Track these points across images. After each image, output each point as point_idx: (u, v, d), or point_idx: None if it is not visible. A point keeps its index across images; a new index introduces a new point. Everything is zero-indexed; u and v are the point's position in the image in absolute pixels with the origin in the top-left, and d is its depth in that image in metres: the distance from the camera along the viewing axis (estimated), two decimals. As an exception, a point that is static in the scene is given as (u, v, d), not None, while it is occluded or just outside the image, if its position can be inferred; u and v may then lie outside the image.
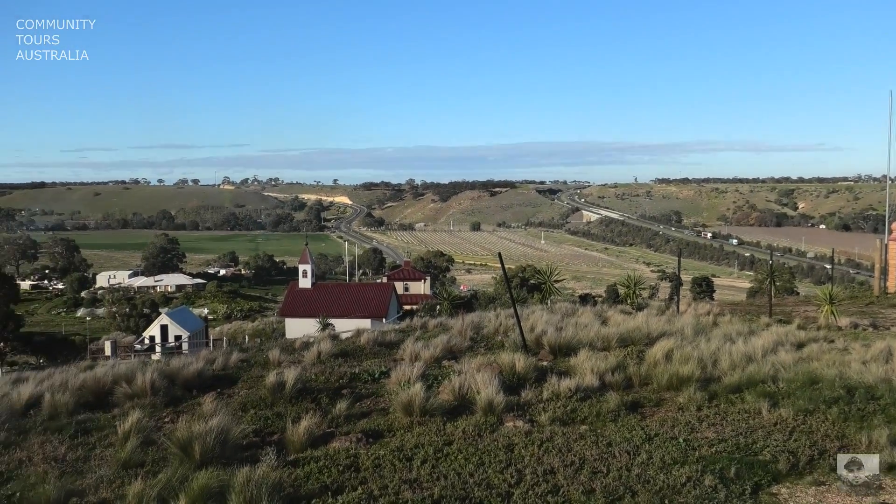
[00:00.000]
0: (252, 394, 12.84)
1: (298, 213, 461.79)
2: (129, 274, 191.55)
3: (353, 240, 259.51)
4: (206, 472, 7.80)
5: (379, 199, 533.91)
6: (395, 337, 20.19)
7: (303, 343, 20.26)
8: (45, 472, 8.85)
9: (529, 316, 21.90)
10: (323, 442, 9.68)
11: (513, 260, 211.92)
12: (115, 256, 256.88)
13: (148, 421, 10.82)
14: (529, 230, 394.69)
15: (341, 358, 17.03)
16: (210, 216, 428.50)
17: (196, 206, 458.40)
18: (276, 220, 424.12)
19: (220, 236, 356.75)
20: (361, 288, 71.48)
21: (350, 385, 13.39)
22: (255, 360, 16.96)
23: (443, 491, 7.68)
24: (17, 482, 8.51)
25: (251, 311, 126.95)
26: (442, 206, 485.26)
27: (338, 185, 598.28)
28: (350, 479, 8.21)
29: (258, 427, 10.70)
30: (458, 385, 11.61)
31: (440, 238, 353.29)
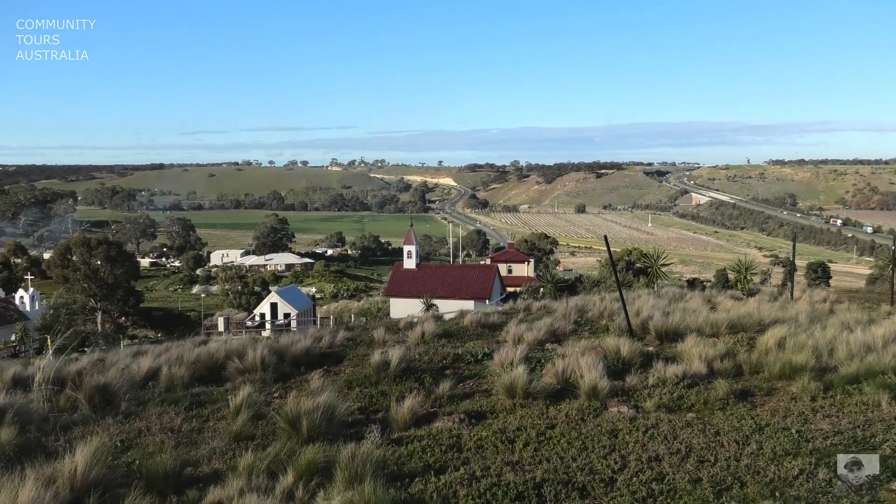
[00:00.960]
0: (357, 372, 13.07)
1: (404, 195, 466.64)
2: (241, 253, 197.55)
3: (457, 221, 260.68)
4: (313, 448, 7.98)
5: (483, 181, 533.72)
6: (498, 319, 20.20)
7: (407, 323, 20.51)
8: (162, 441, 9.23)
9: (635, 300, 21.56)
10: (426, 421, 9.77)
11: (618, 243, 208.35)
12: (229, 236, 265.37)
13: (258, 396, 11.15)
14: (636, 213, 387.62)
15: (444, 339, 17.16)
16: (318, 197, 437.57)
17: (305, 187, 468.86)
18: (381, 201, 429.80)
19: (327, 217, 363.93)
20: (465, 269, 71.70)
21: (453, 366, 13.46)
22: (360, 339, 17.26)
23: (545, 474, 7.63)
24: (137, 450, 8.91)
25: (357, 290, 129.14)
26: (546, 187, 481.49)
27: (442, 167, 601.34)
28: (452, 459, 8.26)
29: (363, 405, 10.88)
30: (561, 368, 11.52)
31: (544, 220, 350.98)
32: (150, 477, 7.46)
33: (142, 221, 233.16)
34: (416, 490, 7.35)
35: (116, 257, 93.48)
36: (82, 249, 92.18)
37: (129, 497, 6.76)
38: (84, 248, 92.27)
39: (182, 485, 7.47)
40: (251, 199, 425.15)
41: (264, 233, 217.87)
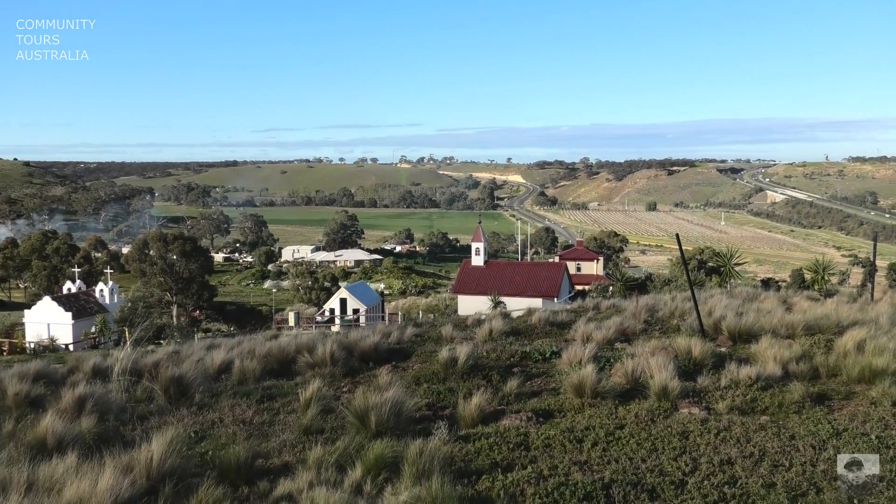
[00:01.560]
0: (425, 368, 13.12)
1: (472, 192, 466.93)
2: (312, 249, 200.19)
3: (526, 218, 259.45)
4: (381, 442, 8.04)
5: (552, 178, 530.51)
6: (566, 317, 20.06)
7: (475, 320, 20.51)
8: (234, 433, 9.41)
9: (707, 300, 21.16)
10: (493, 419, 9.75)
11: (690, 241, 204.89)
12: (299, 232, 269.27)
13: (327, 390, 11.28)
14: (708, 211, 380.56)
15: (512, 336, 17.11)
16: (387, 194, 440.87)
17: (374, 184, 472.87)
18: (450, 198, 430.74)
19: (396, 214, 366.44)
20: (533, 267, 71.36)
21: (521, 363, 13.42)
22: (428, 336, 17.34)
23: (613, 475, 7.55)
24: (210, 441, 9.11)
25: (425, 287, 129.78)
26: (616, 185, 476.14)
27: (511, 164, 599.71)
28: (520, 458, 8.23)
29: (430, 401, 10.92)
30: (630, 368, 11.38)
31: (614, 218, 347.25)
32: (223, 467, 7.61)
33: (216, 217, 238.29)
34: (482, 487, 7.35)
35: (191, 252, 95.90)
36: (159, 244, 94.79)
37: (202, 487, 6.91)
38: (161, 243, 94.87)
39: (253, 476, 7.60)
40: (322, 195, 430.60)
41: (334, 229, 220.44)
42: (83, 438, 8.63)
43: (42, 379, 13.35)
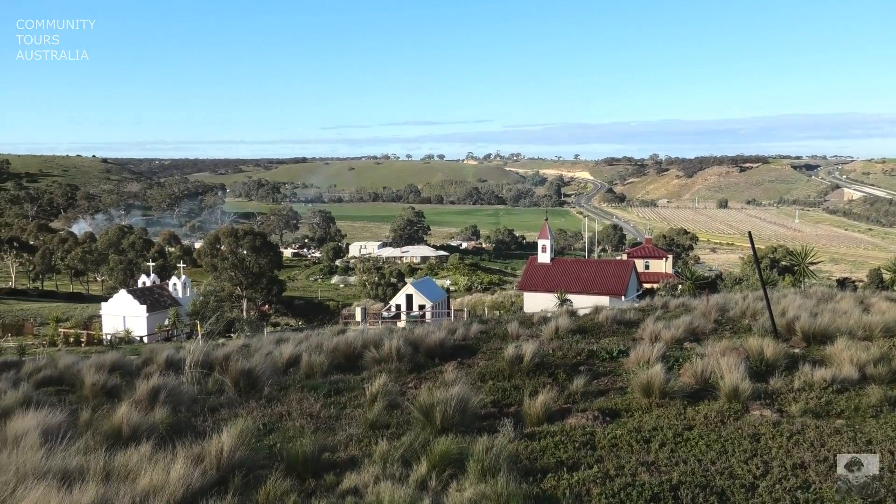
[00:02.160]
0: (490, 365, 13.10)
1: (539, 189, 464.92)
2: (379, 245, 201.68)
3: (593, 215, 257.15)
4: (446, 439, 8.04)
5: (620, 175, 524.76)
6: (634, 315, 19.81)
7: (541, 317, 20.41)
8: (301, 426, 9.54)
9: (780, 300, 20.65)
10: (559, 417, 9.68)
11: (763, 240, 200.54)
12: (367, 228, 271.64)
13: (393, 385, 11.35)
14: (782, 208, 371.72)
15: (579, 334, 16.97)
16: (454, 190, 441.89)
17: (441, 180, 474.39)
18: (516, 195, 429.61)
19: (462, 210, 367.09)
20: (600, 264, 70.68)
21: (587, 362, 13.30)
22: (493, 333, 17.31)
23: (682, 476, 7.42)
24: (278, 434, 9.24)
25: (490, 283, 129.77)
26: (687, 181, 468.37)
27: (579, 161, 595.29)
28: (586, 457, 8.15)
29: (496, 398, 10.90)
30: (700, 368, 11.17)
31: (684, 215, 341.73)
32: (291, 460, 7.72)
33: (285, 213, 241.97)
34: (548, 486, 7.30)
35: (261, 248, 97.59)
36: (230, 240, 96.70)
37: (270, 479, 7.01)
38: (232, 239, 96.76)
39: (320, 469, 7.69)
40: (389, 192, 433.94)
41: (401, 225, 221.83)
42: (156, 428, 8.84)
43: (118, 370, 13.75)
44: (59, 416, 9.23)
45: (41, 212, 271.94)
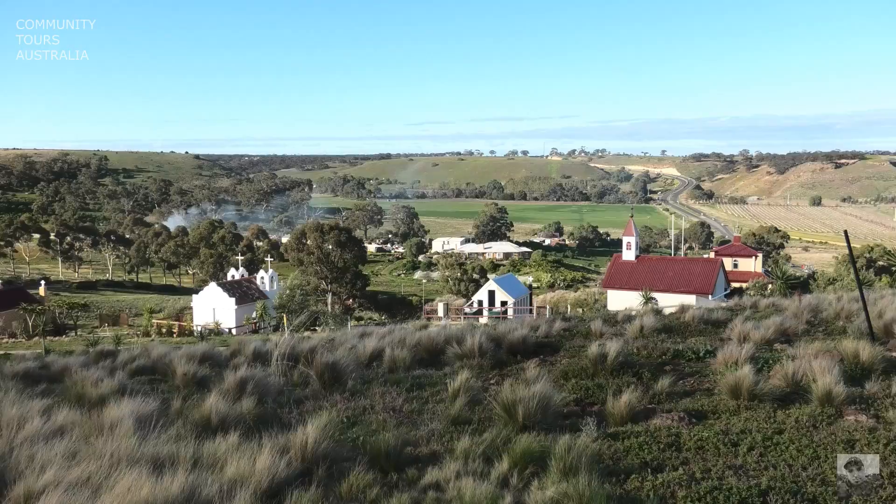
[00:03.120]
0: (573, 363, 12.97)
1: (624, 185, 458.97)
2: (461, 240, 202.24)
3: (680, 212, 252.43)
4: (528, 436, 7.99)
5: (709, 171, 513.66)
6: (721, 315, 19.37)
7: (625, 316, 20.14)
8: (384, 420, 9.61)
9: (877, 301, 19.89)
10: (643, 417, 9.52)
11: (858, 238, 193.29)
12: (449, 224, 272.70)
13: (475, 381, 11.34)
14: (880, 206, 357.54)
15: (664, 333, 16.68)
16: (537, 187, 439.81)
17: (524, 176, 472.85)
18: (601, 191, 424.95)
19: (545, 206, 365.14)
20: (687, 262, 69.31)
21: (672, 362, 13.05)
22: (576, 330, 17.15)
23: (771, 482, 7.20)
24: (361, 427, 9.34)
25: (573, 280, 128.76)
26: (778, 178, 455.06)
27: (665, 157, 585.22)
28: (670, 459, 7.99)
29: (578, 396, 10.78)
30: (791, 371, 10.82)
31: (775, 213, 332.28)
32: (373, 453, 7.79)
33: (370, 209, 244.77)
34: (631, 487, 7.18)
35: (346, 243, 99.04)
36: (316, 235, 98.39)
37: (353, 471, 7.09)
38: (317, 234, 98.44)
39: (402, 463, 7.74)
40: (472, 188, 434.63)
41: (483, 221, 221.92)
42: (244, 419, 9.04)
43: (207, 361, 14.13)
44: (151, 404, 9.53)
45: (137, 206, 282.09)
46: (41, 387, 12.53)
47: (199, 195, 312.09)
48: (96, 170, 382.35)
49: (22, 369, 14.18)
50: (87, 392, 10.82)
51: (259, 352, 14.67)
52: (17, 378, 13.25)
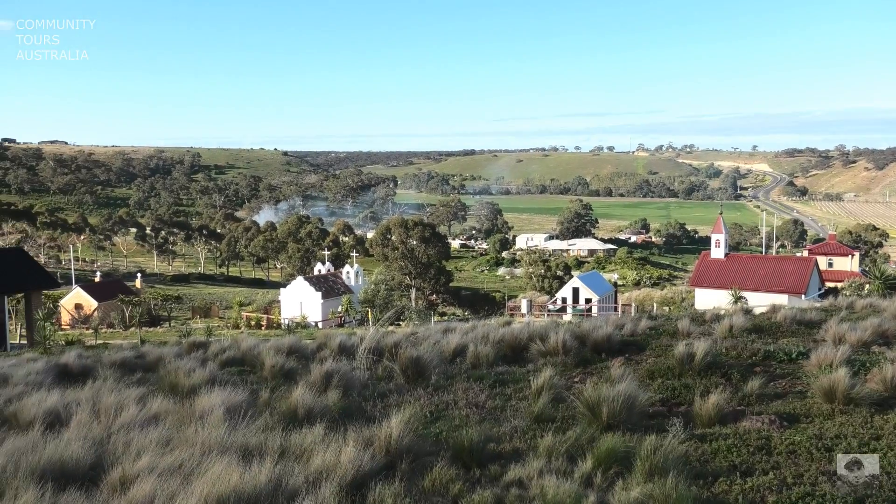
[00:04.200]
0: (659, 363, 12.75)
1: (713, 181, 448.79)
2: (545, 237, 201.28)
3: (771, 210, 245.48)
4: (613, 436, 7.90)
5: (802, 167, 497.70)
6: (815, 315, 18.75)
7: (713, 315, 19.71)
8: (467, 416, 9.63)
9: (984, 303, 18.96)
10: (732, 419, 9.28)
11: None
12: (533, 220, 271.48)
13: (558, 379, 11.25)
14: None
15: (754, 334, 16.25)
16: (623, 183, 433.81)
17: (610, 172, 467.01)
18: (689, 187, 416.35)
19: (631, 203, 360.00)
20: (778, 261, 67.36)
21: (763, 363, 12.69)
22: (663, 329, 16.85)
23: (868, 490, 6.93)
24: (444, 422, 9.37)
25: (660, 278, 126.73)
26: (877, 174, 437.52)
27: (756, 152, 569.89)
28: (760, 462, 7.77)
29: (664, 396, 10.59)
30: (889, 374, 10.39)
31: (873, 210, 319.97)
32: (456, 449, 7.80)
33: (453, 205, 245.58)
34: (719, 490, 7.01)
35: (430, 238, 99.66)
36: (400, 230, 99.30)
37: (436, 466, 7.12)
38: (402, 229, 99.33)
39: (484, 459, 7.73)
40: (556, 184, 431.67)
41: (568, 218, 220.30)
42: (329, 411, 9.18)
43: (294, 353, 14.40)
44: (240, 394, 9.78)
45: (228, 202, 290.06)
46: (137, 376, 13.01)
47: (287, 191, 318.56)
48: (189, 166, 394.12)
49: (119, 358, 14.73)
50: (180, 382, 11.16)
51: (344, 345, 14.87)
52: (114, 367, 13.78)
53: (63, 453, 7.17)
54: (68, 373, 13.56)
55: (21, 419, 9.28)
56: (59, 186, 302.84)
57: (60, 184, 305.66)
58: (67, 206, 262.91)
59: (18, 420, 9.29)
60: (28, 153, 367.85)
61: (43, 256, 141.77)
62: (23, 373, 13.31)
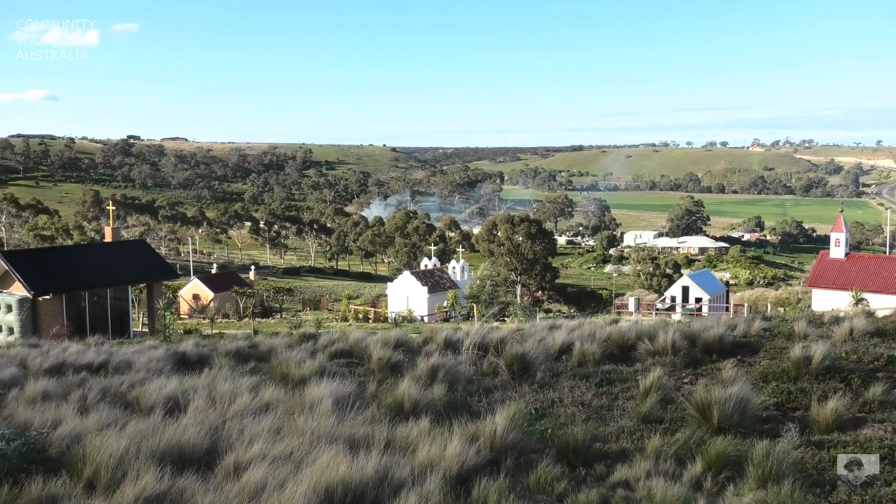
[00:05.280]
0: (773, 365, 12.31)
1: (833, 178, 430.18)
2: (654, 234, 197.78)
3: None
4: (724, 439, 7.67)
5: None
6: (945, 320, 17.73)
7: (832, 317, 18.88)
8: (572, 414, 9.53)
9: None
10: (852, 427, 8.88)
11: None
12: (642, 217, 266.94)
13: (667, 379, 11.01)
14: None
15: (877, 337, 15.47)
16: (737, 179, 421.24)
17: (723, 168, 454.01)
18: (807, 184, 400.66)
19: (745, 200, 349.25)
20: (904, 261, 64.02)
21: (886, 368, 12.08)
22: (778, 331, 16.25)
23: None
24: (549, 419, 9.31)
25: (774, 278, 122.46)
26: None
27: (881, 147, 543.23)
28: (883, 473, 7.39)
29: (779, 401, 10.22)
30: None
31: None
32: (561, 447, 7.74)
33: (560, 201, 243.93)
34: (837, 500, 6.72)
35: (536, 235, 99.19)
36: (506, 226, 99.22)
37: (540, 463, 7.08)
38: (508, 225, 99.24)
39: (590, 458, 7.64)
40: (666, 180, 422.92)
41: (678, 215, 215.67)
42: (434, 405, 9.25)
43: (400, 347, 14.57)
44: (348, 386, 9.97)
45: (337, 197, 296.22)
46: (250, 365, 13.43)
47: (394, 186, 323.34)
48: (301, 162, 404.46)
49: (234, 348, 15.24)
50: (291, 372, 11.47)
51: (450, 340, 14.95)
52: (229, 356, 14.28)
53: (181, 438, 7.49)
54: (186, 360, 14.13)
55: (143, 404, 9.73)
56: (179, 181, 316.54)
57: (180, 179, 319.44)
58: (187, 200, 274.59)
59: (140, 405, 9.75)
60: (151, 150, 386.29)
61: (164, 248, 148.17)
62: (144, 360, 13.95)
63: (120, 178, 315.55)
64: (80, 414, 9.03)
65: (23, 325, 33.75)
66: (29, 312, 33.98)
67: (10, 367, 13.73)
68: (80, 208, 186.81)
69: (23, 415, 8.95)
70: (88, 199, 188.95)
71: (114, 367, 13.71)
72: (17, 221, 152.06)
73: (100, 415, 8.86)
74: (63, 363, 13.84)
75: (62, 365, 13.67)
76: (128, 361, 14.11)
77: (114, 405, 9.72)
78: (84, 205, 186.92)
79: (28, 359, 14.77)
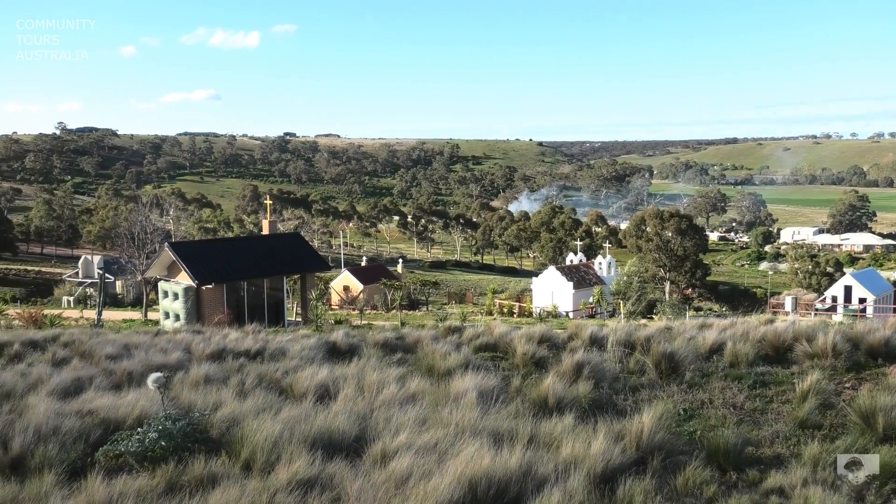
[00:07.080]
0: (947, 371, 11.47)
1: None
2: (814, 231, 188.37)
3: None
4: (890, 448, 7.22)
5: None
6: None
7: None
8: (723, 416, 9.21)
9: None
10: None
11: None
12: (801, 212, 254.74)
13: (827, 383, 10.46)
14: None
15: None
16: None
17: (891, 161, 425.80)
18: None
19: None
20: None
21: None
22: (952, 335, 15.13)
23: None
24: (698, 421, 9.04)
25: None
26: None
27: None
28: None
29: (953, 410, 9.51)
30: None
31: None
32: (711, 449, 7.49)
33: (712, 196, 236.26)
34: None
35: (686, 230, 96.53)
36: (655, 221, 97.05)
37: (689, 465, 6.89)
38: (657, 221, 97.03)
39: (742, 463, 7.36)
40: (828, 174, 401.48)
41: (840, 210, 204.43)
42: (579, 402, 9.16)
43: (545, 342, 14.50)
44: (492, 379, 10.02)
45: (483, 192, 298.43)
46: (397, 356, 13.73)
47: (541, 181, 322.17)
48: (448, 157, 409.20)
49: (382, 339, 15.62)
50: (436, 364, 11.63)
51: (595, 337, 14.75)
52: (377, 346, 14.65)
53: (331, 425, 7.76)
54: (336, 350, 14.60)
55: (296, 390, 10.14)
56: (331, 176, 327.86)
57: (333, 174, 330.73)
58: (338, 194, 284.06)
59: (293, 391, 10.16)
60: (306, 146, 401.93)
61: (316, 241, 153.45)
62: (298, 348, 14.51)
63: (277, 174, 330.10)
64: (238, 398, 9.52)
65: (188, 312, 35.77)
66: (193, 300, 35.97)
67: (177, 351, 14.66)
68: (240, 202, 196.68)
69: (187, 397, 9.52)
70: (248, 194, 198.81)
71: (269, 354, 14.34)
72: (184, 215, 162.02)
73: (256, 399, 9.31)
74: (223, 349, 14.61)
75: (222, 351, 14.43)
76: (282, 349, 14.72)
77: (269, 390, 10.17)
78: (244, 199, 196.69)
79: (192, 344, 15.68)
